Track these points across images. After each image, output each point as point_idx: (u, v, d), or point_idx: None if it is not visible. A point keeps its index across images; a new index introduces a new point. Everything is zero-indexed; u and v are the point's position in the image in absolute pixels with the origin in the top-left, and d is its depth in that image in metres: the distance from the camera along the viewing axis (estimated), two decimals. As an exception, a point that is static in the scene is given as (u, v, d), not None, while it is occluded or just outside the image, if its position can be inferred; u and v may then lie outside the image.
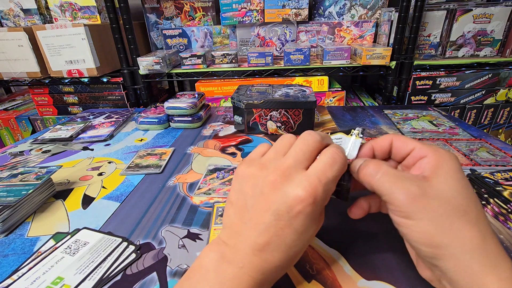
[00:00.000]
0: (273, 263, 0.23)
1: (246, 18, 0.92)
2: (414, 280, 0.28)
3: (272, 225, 0.22)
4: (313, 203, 0.22)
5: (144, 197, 0.44)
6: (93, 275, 0.30)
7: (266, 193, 0.23)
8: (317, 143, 0.25)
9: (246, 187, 0.24)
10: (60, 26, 0.79)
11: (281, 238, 0.22)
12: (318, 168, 0.23)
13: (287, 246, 0.22)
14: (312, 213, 0.22)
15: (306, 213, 0.22)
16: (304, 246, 0.24)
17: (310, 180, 0.22)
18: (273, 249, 0.22)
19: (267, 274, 0.23)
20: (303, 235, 0.23)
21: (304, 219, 0.22)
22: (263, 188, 0.23)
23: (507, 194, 0.37)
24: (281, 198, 0.22)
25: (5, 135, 1.00)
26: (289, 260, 0.23)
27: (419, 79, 0.84)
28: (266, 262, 0.22)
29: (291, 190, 0.22)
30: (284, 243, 0.22)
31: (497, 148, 0.53)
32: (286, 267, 0.24)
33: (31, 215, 0.40)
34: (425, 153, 0.24)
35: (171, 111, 0.68)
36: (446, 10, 0.81)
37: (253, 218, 0.23)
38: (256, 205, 0.23)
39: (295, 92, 0.65)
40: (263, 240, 0.22)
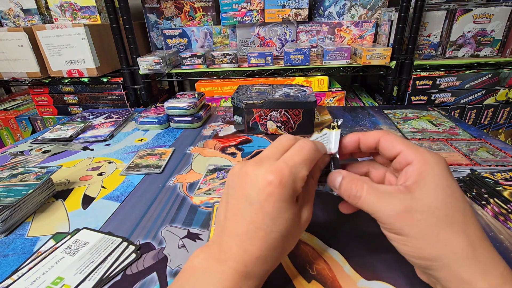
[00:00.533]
0: (254, 253, 0.23)
1: (246, 18, 0.92)
2: (414, 280, 0.28)
3: (247, 212, 0.23)
4: (280, 185, 0.22)
5: (144, 197, 0.44)
6: (93, 275, 0.30)
7: (241, 181, 0.24)
8: (290, 141, 0.26)
9: (229, 182, 0.25)
10: (60, 26, 0.79)
11: (256, 224, 0.22)
12: (286, 155, 0.24)
13: (264, 233, 0.22)
14: (282, 195, 0.22)
15: (275, 196, 0.22)
16: (285, 236, 0.23)
17: (277, 164, 0.23)
18: (251, 237, 0.22)
19: (251, 266, 0.23)
20: (278, 220, 0.23)
21: (275, 202, 0.22)
22: (239, 178, 0.24)
23: (507, 194, 0.37)
24: (252, 183, 0.23)
25: (5, 135, 1.00)
26: (270, 249, 0.23)
27: (419, 79, 0.84)
28: (247, 252, 0.23)
29: (260, 174, 0.23)
30: (260, 229, 0.22)
31: (497, 148, 0.53)
32: (271, 259, 0.24)
33: (31, 215, 0.40)
34: (411, 159, 0.23)
35: (171, 111, 0.68)
36: (446, 10, 0.81)
37: (232, 209, 0.24)
38: (234, 195, 0.24)
39: (295, 92, 0.65)
40: (241, 230, 0.23)
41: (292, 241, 0.25)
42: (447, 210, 0.21)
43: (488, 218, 0.36)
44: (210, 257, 0.23)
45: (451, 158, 0.50)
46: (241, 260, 0.22)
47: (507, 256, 0.31)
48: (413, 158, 0.23)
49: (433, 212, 0.21)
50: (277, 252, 0.24)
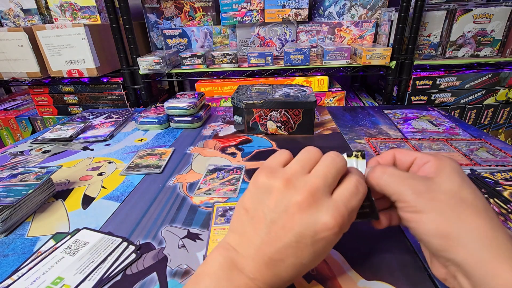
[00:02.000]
0: (284, 278, 0.23)
1: (246, 18, 0.92)
2: (414, 280, 0.28)
3: (292, 246, 0.22)
4: (339, 232, 0.22)
5: (144, 197, 0.44)
6: (93, 275, 0.30)
7: (291, 213, 0.22)
8: (344, 167, 0.25)
9: (268, 201, 0.23)
10: (60, 26, 0.79)
11: (299, 258, 0.22)
12: (344, 196, 0.23)
13: (302, 265, 0.23)
14: (336, 239, 0.23)
15: (330, 240, 0.22)
16: (316, 264, 0.24)
17: (339, 209, 0.22)
18: (287, 266, 0.22)
19: (276, 286, 0.23)
20: (321, 257, 0.23)
21: (326, 244, 0.22)
22: (289, 207, 0.22)
23: (507, 194, 0.37)
24: (308, 222, 0.22)
25: (5, 135, 1.00)
26: (299, 275, 0.24)
27: (419, 79, 0.84)
28: (277, 277, 0.23)
29: (320, 217, 0.22)
30: (300, 263, 0.22)
31: (497, 148, 0.53)
32: (294, 280, 0.25)
33: (31, 215, 0.40)
34: (427, 159, 0.25)
35: (171, 111, 0.68)
36: (446, 10, 0.81)
37: (271, 234, 0.22)
38: (277, 222, 0.22)
39: (295, 92, 0.65)
40: (279, 257, 0.22)
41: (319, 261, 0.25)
42: (468, 194, 0.22)
43: (488, 218, 0.36)
44: (234, 267, 0.22)
45: (451, 158, 0.50)
46: (269, 281, 0.22)
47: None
48: (429, 158, 0.25)
49: (455, 195, 0.22)
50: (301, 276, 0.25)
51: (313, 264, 0.24)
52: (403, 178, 0.24)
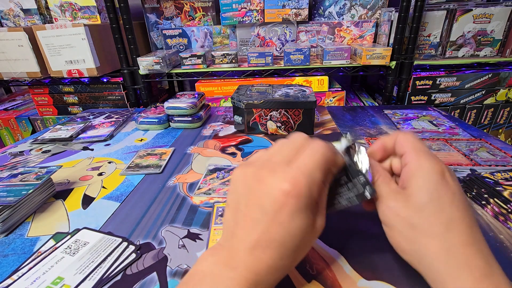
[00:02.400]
0: (266, 262, 0.22)
1: (246, 18, 0.92)
2: (414, 280, 0.28)
3: (260, 221, 0.22)
4: (296, 195, 0.22)
5: (144, 197, 0.44)
6: (93, 275, 0.30)
7: (254, 189, 0.23)
8: (303, 140, 0.26)
9: (239, 187, 0.24)
10: (60, 26, 0.79)
11: (270, 234, 0.22)
12: (300, 161, 0.23)
13: (278, 243, 0.22)
14: (297, 205, 0.22)
15: (290, 206, 0.22)
16: (298, 245, 0.23)
17: (292, 172, 0.22)
18: (264, 247, 0.22)
19: (262, 274, 0.22)
20: (292, 231, 0.22)
21: (290, 212, 0.22)
22: (251, 184, 0.23)
23: (507, 194, 0.37)
24: (266, 192, 0.22)
25: (5, 135, 1.00)
26: (283, 259, 0.23)
27: (419, 79, 0.84)
28: (259, 261, 0.22)
29: (275, 183, 0.22)
30: (274, 239, 0.22)
31: (497, 148, 0.53)
32: (282, 268, 0.23)
33: (31, 215, 0.40)
34: (408, 160, 0.26)
35: (171, 111, 0.68)
36: (446, 10, 0.81)
37: (244, 217, 0.23)
38: (246, 203, 0.23)
39: (295, 92, 0.65)
40: (253, 238, 0.22)
41: (305, 250, 0.25)
42: (429, 213, 0.23)
43: (488, 218, 0.36)
44: (220, 262, 0.22)
45: (451, 158, 0.50)
46: (252, 268, 0.22)
47: (507, 256, 0.31)
48: (409, 160, 0.25)
49: (416, 213, 0.23)
50: (290, 261, 0.23)
51: (290, 242, 0.22)
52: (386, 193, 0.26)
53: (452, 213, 0.23)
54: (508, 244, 0.32)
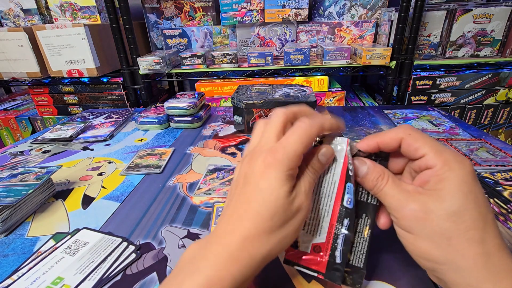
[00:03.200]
0: (240, 234, 0.22)
1: (246, 18, 0.92)
2: (414, 280, 0.28)
3: (242, 192, 0.23)
4: (273, 162, 0.22)
5: (144, 197, 0.44)
6: (93, 275, 0.30)
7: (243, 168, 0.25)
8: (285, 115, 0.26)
9: (236, 177, 0.26)
10: (60, 26, 0.79)
11: (249, 203, 0.22)
12: (283, 138, 0.24)
13: (255, 212, 0.22)
14: (275, 172, 0.22)
15: (269, 173, 0.22)
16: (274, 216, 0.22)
17: (273, 146, 0.24)
18: (240, 217, 0.22)
19: (236, 249, 0.21)
20: (268, 198, 0.22)
21: (269, 178, 0.22)
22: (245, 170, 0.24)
23: (507, 194, 0.37)
24: (251, 166, 0.24)
25: (5, 135, 1.00)
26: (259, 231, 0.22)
27: (419, 79, 0.84)
28: (233, 233, 0.22)
29: (259, 158, 0.23)
30: (251, 208, 0.22)
31: (497, 148, 0.53)
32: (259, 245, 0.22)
33: (31, 215, 0.40)
34: (433, 163, 0.22)
35: (171, 111, 0.68)
36: (446, 10, 0.81)
37: (230, 195, 0.25)
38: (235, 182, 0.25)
39: (295, 92, 0.65)
40: (232, 210, 0.23)
41: (283, 230, 0.23)
42: (465, 217, 0.21)
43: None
44: (199, 246, 0.23)
45: (451, 158, 0.50)
46: (226, 242, 0.22)
47: (507, 256, 0.31)
48: (436, 162, 0.22)
49: (449, 217, 0.21)
50: (266, 237, 0.22)
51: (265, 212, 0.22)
52: (401, 192, 0.23)
53: (487, 215, 0.21)
54: (508, 244, 0.32)
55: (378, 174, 0.24)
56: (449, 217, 0.21)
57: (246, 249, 0.21)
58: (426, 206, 0.21)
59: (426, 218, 0.21)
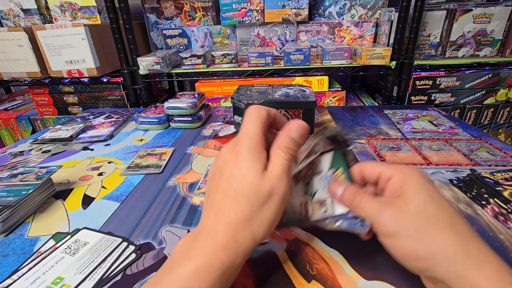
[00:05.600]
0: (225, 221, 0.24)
1: (246, 18, 0.92)
2: (414, 280, 0.28)
3: (220, 184, 0.25)
4: (235, 147, 0.25)
5: (144, 197, 0.44)
6: (93, 275, 0.30)
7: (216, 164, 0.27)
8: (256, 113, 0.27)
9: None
10: (60, 26, 0.79)
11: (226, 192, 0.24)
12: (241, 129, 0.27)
13: (233, 199, 0.24)
14: (241, 157, 0.24)
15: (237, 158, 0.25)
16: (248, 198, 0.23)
17: (237, 138, 0.26)
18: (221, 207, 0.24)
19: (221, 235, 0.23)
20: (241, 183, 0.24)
21: (238, 164, 0.24)
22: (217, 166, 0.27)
23: (507, 194, 0.38)
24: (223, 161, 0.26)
25: (5, 135, 1.00)
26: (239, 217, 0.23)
27: (419, 79, 0.84)
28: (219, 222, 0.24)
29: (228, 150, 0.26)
30: (229, 196, 0.24)
31: (497, 148, 0.53)
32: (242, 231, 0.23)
33: (31, 215, 0.40)
34: (390, 174, 0.26)
35: (171, 111, 0.68)
36: (446, 10, 0.81)
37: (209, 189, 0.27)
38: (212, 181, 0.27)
39: (295, 92, 0.65)
40: (214, 202, 0.25)
41: (261, 213, 0.24)
42: (433, 209, 0.23)
43: (488, 218, 0.36)
44: (189, 239, 0.24)
45: (451, 158, 0.50)
46: (213, 232, 0.23)
47: (507, 256, 0.31)
48: (391, 173, 0.26)
49: (421, 213, 0.23)
50: (247, 222, 0.23)
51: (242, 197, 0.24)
52: (377, 203, 0.25)
53: (451, 207, 0.24)
54: (508, 244, 0.32)
55: (353, 192, 0.27)
56: (420, 213, 0.23)
57: (232, 235, 0.23)
58: (399, 209, 0.24)
59: (402, 218, 0.23)
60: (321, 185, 0.30)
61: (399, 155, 0.52)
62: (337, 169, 0.30)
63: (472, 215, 0.37)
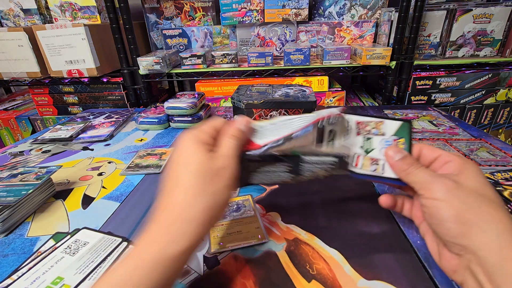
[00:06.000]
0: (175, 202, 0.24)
1: (246, 18, 0.92)
2: (414, 280, 0.28)
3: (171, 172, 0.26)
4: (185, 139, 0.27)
5: (144, 197, 0.44)
6: (93, 275, 0.30)
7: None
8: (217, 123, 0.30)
9: None
10: (60, 26, 0.79)
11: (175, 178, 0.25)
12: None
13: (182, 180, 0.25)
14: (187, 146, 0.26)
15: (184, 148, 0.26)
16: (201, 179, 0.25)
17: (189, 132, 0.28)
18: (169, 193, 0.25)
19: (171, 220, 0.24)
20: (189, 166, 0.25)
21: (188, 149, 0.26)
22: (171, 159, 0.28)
23: (507, 194, 0.38)
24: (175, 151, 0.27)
25: (5, 135, 1.00)
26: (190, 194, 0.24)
27: (419, 79, 0.84)
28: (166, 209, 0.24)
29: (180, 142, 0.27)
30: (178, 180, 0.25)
31: (497, 148, 0.53)
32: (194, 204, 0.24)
33: (31, 215, 0.40)
34: (451, 158, 0.28)
35: (171, 111, 0.68)
36: (446, 10, 0.81)
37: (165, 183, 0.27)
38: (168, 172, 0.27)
39: (295, 92, 0.65)
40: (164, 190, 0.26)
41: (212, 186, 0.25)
42: (489, 191, 0.25)
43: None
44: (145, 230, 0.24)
45: (451, 158, 0.50)
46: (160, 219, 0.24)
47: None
48: (452, 158, 0.28)
49: (477, 190, 0.24)
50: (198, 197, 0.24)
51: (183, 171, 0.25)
52: (432, 174, 0.26)
53: (500, 199, 0.25)
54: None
55: (411, 161, 0.28)
56: (476, 190, 0.25)
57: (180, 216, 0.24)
58: (456, 180, 0.25)
59: (458, 187, 0.25)
60: (379, 146, 0.31)
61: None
62: (399, 138, 0.31)
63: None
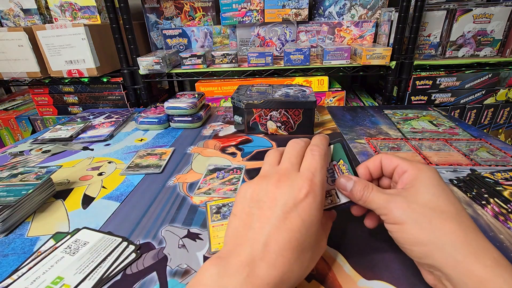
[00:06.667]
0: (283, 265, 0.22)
1: (246, 18, 0.92)
2: (414, 280, 0.28)
3: (280, 218, 0.23)
4: (315, 195, 0.24)
5: (144, 197, 0.44)
6: (93, 275, 0.30)
7: (271, 192, 0.25)
8: (303, 147, 0.29)
9: (250, 195, 0.26)
10: (60, 26, 0.79)
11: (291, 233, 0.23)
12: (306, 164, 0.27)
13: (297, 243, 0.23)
14: (315, 203, 0.24)
15: (311, 204, 0.24)
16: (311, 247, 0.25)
17: (305, 174, 0.25)
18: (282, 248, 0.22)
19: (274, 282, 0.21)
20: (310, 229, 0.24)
21: (311, 210, 0.24)
22: (268, 189, 0.25)
23: (507, 194, 0.38)
24: (286, 192, 0.24)
25: (5, 135, 1.00)
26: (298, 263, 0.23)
27: (419, 79, 0.84)
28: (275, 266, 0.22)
29: (294, 183, 0.25)
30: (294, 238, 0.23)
31: (497, 148, 0.53)
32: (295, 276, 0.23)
33: (31, 215, 0.40)
34: (406, 168, 0.28)
35: (171, 111, 0.68)
36: (446, 10, 0.81)
37: (260, 219, 0.24)
38: (262, 206, 0.24)
39: (295, 92, 0.65)
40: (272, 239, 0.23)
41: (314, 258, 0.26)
42: (439, 202, 0.24)
43: (488, 218, 0.36)
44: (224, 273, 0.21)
45: (451, 158, 0.50)
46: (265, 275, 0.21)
47: (507, 256, 0.31)
48: (407, 167, 0.27)
49: (426, 204, 0.24)
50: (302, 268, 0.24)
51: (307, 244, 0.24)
52: (385, 195, 0.26)
53: (456, 203, 0.25)
54: (508, 244, 0.32)
55: (363, 186, 0.28)
56: (426, 204, 0.24)
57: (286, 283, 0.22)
58: (407, 198, 0.25)
59: (409, 207, 0.25)
60: None
61: (399, 155, 0.52)
62: (338, 161, 0.31)
63: (472, 215, 0.37)
